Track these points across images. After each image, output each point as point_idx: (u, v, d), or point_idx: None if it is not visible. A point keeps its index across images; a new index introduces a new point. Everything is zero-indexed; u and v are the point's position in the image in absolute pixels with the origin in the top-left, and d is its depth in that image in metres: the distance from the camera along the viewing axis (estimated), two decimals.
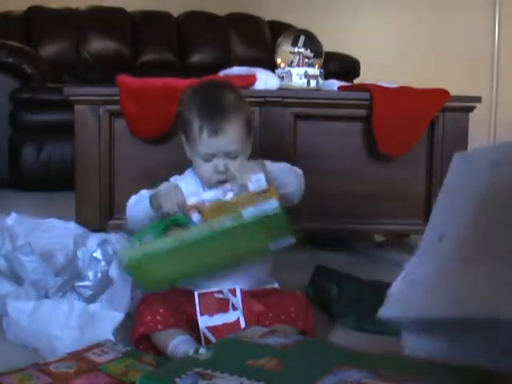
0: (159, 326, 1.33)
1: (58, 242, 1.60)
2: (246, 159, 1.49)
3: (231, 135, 1.43)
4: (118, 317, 1.36)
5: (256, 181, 1.31)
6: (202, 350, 1.05)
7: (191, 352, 1.07)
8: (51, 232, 1.63)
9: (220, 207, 1.32)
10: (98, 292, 1.45)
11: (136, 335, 1.35)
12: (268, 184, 1.31)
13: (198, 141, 1.44)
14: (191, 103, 1.48)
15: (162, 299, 1.38)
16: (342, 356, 1.06)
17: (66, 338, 1.34)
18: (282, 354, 1.04)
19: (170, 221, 1.35)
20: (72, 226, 1.68)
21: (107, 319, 1.37)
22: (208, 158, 1.44)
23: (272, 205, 1.26)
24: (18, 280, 1.52)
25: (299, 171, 1.51)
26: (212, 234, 1.29)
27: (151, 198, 1.41)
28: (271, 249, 1.35)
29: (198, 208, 1.34)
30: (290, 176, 1.45)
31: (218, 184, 1.44)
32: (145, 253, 1.33)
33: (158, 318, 1.33)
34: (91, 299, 1.45)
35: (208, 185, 1.47)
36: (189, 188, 1.49)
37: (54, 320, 1.37)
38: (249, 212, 1.26)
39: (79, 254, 1.45)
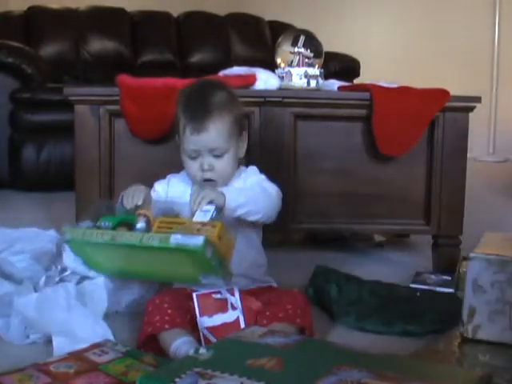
0: (166, 326, 1.33)
1: (44, 246, 1.62)
2: (235, 158, 1.52)
3: (213, 133, 1.46)
4: (100, 280, 1.45)
5: (204, 212, 1.33)
6: (202, 350, 1.05)
7: (191, 352, 1.07)
8: (34, 239, 1.64)
9: (167, 222, 1.35)
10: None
11: (143, 336, 1.36)
12: (219, 217, 1.33)
13: (183, 138, 1.48)
14: (180, 102, 1.52)
15: (170, 300, 1.39)
16: (342, 356, 1.06)
17: (72, 318, 1.38)
18: (281, 353, 1.04)
19: (124, 218, 1.41)
20: (52, 233, 1.70)
21: (97, 287, 1.45)
22: (193, 155, 1.48)
23: (197, 241, 1.25)
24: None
25: (273, 191, 1.51)
26: (138, 246, 1.32)
27: (123, 195, 1.47)
28: (202, 281, 1.35)
29: (147, 216, 1.38)
30: (259, 203, 1.46)
31: (203, 182, 1.47)
32: (75, 239, 1.42)
33: (167, 318, 1.34)
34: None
35: (195, 182, 1.50)
36: (179, 186, 1.55)
37: (56, 306, 1.40)
38: (175, 239, 1.28)
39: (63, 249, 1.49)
